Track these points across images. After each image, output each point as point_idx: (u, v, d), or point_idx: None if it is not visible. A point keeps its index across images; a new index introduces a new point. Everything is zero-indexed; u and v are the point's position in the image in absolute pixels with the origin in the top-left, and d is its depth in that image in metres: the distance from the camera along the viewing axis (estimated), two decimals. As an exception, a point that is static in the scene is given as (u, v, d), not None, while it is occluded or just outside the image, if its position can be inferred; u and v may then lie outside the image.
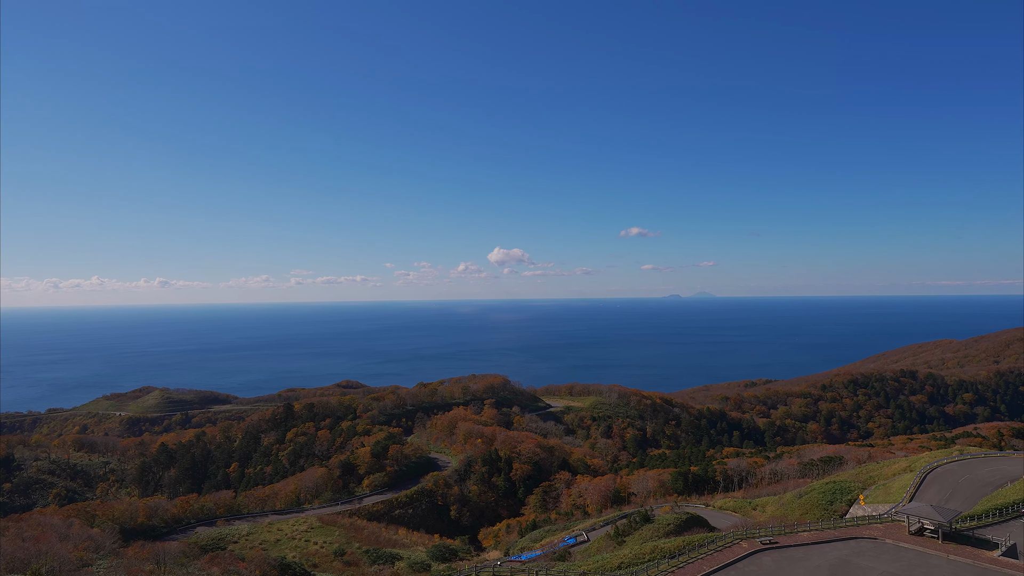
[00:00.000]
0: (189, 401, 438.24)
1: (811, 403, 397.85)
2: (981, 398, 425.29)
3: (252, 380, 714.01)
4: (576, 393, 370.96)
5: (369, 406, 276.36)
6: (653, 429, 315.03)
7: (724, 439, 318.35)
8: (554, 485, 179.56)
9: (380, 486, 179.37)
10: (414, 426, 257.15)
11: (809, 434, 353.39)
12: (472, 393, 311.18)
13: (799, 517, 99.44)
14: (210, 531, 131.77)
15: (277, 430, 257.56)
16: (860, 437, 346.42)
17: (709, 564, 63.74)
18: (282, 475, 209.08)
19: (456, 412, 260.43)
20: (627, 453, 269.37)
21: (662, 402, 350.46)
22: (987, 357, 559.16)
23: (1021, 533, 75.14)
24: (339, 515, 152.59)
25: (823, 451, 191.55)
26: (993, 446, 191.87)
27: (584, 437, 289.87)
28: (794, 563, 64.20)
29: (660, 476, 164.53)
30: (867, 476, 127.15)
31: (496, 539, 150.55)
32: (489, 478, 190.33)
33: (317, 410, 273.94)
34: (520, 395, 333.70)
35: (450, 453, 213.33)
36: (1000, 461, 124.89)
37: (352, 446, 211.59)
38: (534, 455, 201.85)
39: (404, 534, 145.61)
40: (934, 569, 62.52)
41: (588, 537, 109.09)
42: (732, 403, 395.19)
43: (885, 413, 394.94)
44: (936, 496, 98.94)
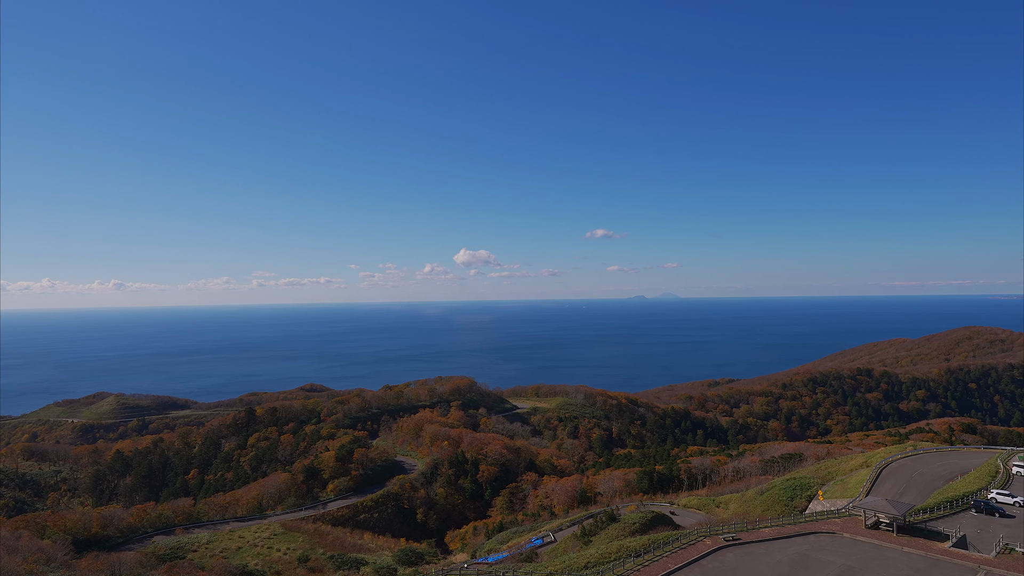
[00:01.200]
0: (146, 407, 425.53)
1: (772, 401, 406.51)
2: (933, 395, 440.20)
3: (212, 384, 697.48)
4: (543, 394, 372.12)
5: (334, 410, 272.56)
6: (619, 429, 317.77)
7: (688, 438, 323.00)
8: (521, 486, 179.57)
9: (345, 490, 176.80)
10: (380, 429, 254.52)
11: (770, 432, 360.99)
12: (438, 395, 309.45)
13: (761, 513, 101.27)
14: (168, 540, 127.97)
15: (238, 435, 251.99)
16: (819, 434, 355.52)
17: (674, 562, 64.38)
18: (244, 481, 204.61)
19: (422, 415, 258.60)
20: (593, 453, 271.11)
21: (627, 402, 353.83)
22: (938, 355, 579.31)
23: (970, 525, 78.00)
24: (303, 521, 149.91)
25: (784, 448, 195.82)
26: (944, 441, 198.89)
27: (551, 438, 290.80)
28: (756, 559, 65.32)
29: (626, 476, 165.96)
30: (826, 472, 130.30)
31: (463, 542, 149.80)
32: (456, 480, 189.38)
33: (280, 414, 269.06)
34: (487, 397, 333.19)
35: (416, 456, 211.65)
36: (951, 455, 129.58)
37: (316, 450, 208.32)
38: (501, 456, 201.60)
39: (370, 539, 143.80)
40: (889, 561, 64.33)
41: (555, 538, 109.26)
42: (696, 402, 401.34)
43: (843, 410, 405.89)
44: (891, 490, 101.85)
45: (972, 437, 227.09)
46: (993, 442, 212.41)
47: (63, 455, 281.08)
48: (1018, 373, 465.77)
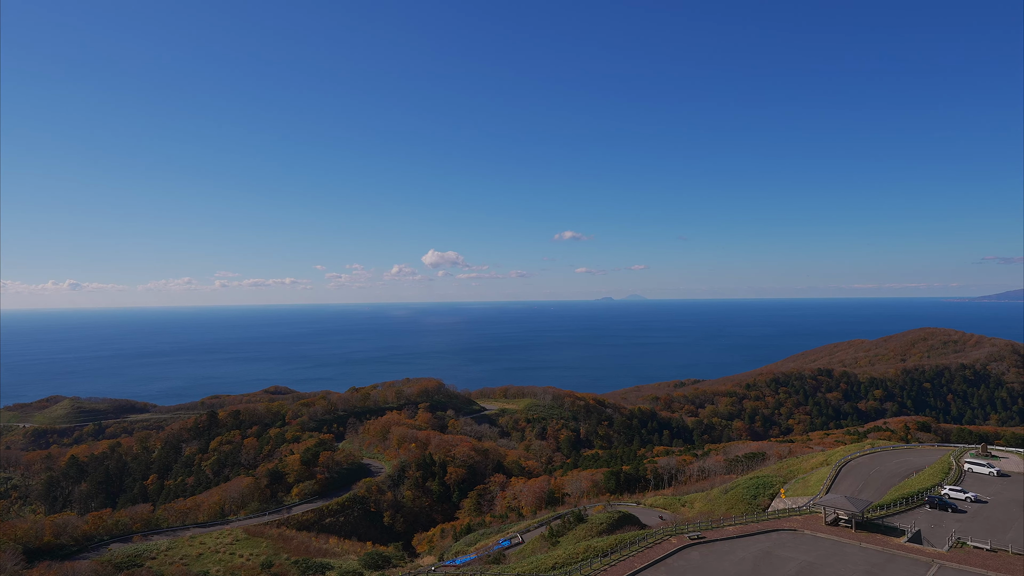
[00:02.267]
0: (103, 411, 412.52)
1: (736, 402, 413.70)
2: (890, 394, 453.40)
3: (172, 387, 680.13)
4: (511, 395, 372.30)
5: (299, 412, 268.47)
6: (587, 430, 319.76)
7: (655, 438, 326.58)
8: (489, 488, 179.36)
9: (310, 494, 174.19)
10: (346, 432, 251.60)
11: (734, 431, 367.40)
12: (406, 397, 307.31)
13: (725, 512, 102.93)
14: (125, 548, 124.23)
15: (200, 439, 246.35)
16: (781, 433, 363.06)
17: (640, 561, 64.96)
18: (205, 486, 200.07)
19: (390, 417, 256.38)
20: (561, 454, 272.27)
21: (595, 403, 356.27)
22: (895, 356, 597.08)
23: (925, 520, 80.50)
24: (267, 526, 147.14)
25: (747, 448, 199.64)
26: (901, 439, 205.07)
27: (519, 439, 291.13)
28: (720, 556, 66.35)
29: (593, 476, 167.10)
30: (788, 470, 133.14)
31: (431, 544, 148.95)
32: (423, 483, 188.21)
33: (243, 417, 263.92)
34: (455, 398, 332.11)
35: (383, 458, 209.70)
36: (907, 453, 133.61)
37: (281, 454, 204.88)
38: (469, 458, 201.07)
39: (335, 543, 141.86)
40: (848, 556, 66.03)
41: (523, 539, 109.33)
42: (662, 403, 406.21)
43: (804, 410, 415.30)
44: (850, 487, 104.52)
45: (927, 435, 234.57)
46: (946, 440, 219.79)
47: (14, 461, 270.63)
48: (970, 373, 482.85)
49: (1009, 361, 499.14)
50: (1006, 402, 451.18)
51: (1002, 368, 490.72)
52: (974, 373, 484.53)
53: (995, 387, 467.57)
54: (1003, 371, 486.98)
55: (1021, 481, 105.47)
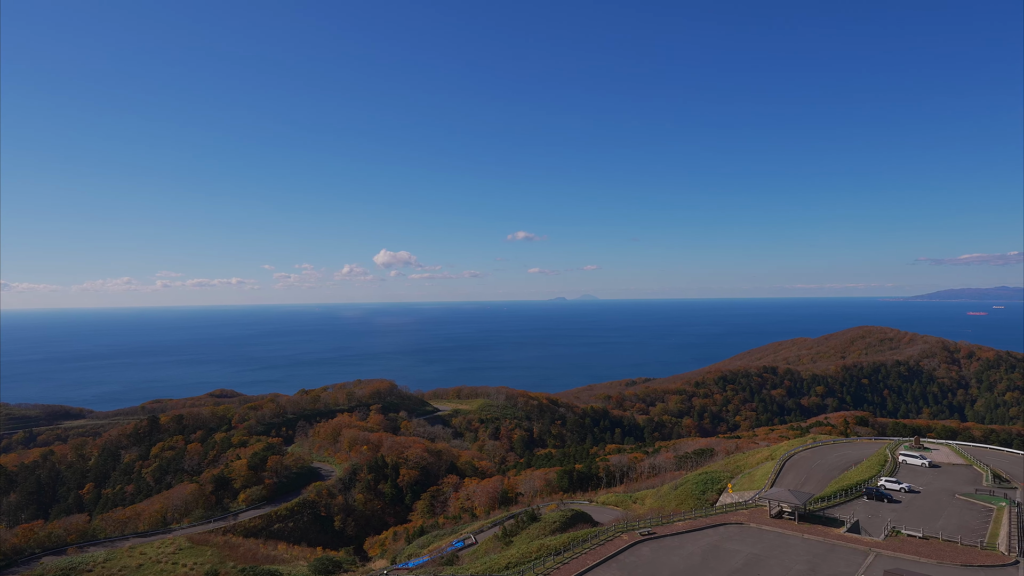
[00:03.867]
0: (33, 417, 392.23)
1: (686, 399, 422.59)
2: (831, 390, 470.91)
3: (110, 392, 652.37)
4: (464, 396, 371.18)
5: (246, 416, 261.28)
6: (540, 429, 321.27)
7: (607, 436, 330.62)
8: (442, 489, 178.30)
9: (258, 500, 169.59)
10: (295, 435, 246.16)
11: (684, 428, 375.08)
12: (357, 399, 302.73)
13: (675, 507, 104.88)
14: (58, 560, 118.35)
15: (140, 445, 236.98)
16: (729, 430, 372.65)
17: (593, 558, 65.51)
18: (146, 494, 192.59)
19: (341, 419, 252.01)
20: (515, 454, 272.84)
21: (548, 402, 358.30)
22: (835, 353, 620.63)
23: (863, 510, 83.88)
24: (212, 533, 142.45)
25: (696, 444, 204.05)
26: (841, 433, 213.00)
27: (472, 440, 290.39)
28: (670, 551, 67.54)
29: (547, 475, 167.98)
30: (735, 466, 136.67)
31: (383, 548, 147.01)
32: (375, 485, 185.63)
33: (187, 422, 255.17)
34: (408, 399, 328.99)
35: (334, 462, 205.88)
36: (846, 447, 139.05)
37: (227, 459, 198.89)
38: (422, 460, 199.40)
39: (284, 549, 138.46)
40: (791, 548, 68.19)
41: (476, 539, 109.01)
42: (614, 401, 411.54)
43: (750, 407, 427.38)
44: (794, 481, 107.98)
45: (865, 429, 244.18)
46: (883, 433, 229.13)
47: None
48: (904, 369, 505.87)
49: (940, 358, 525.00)
50: (937, 396, 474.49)
51: (933, 364, 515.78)
52: (908, 369, 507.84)
53: (927, 382, 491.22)
54: (934, 367, 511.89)
55: (951, 471, 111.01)
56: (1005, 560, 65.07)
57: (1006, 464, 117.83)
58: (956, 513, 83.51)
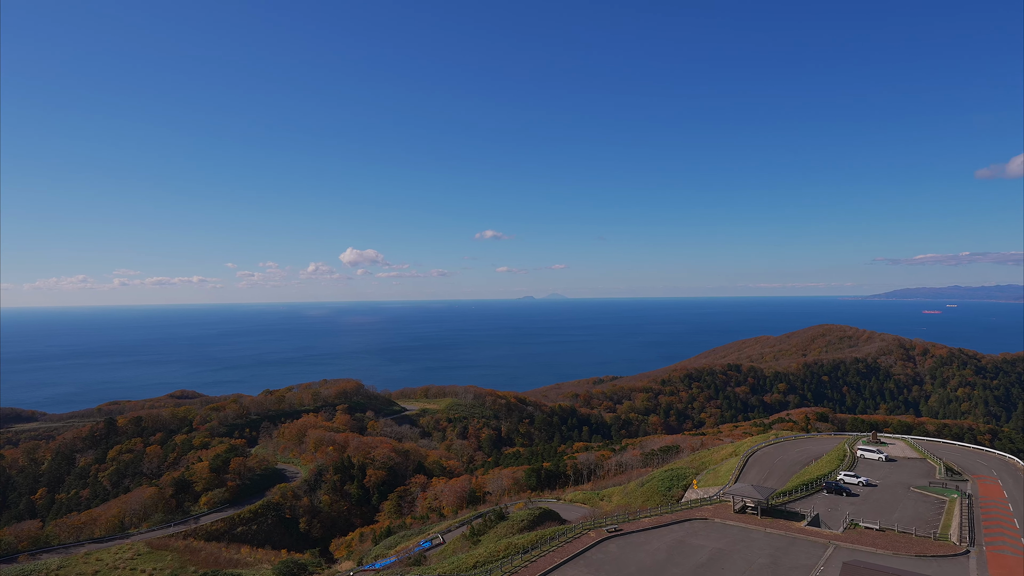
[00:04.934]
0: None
1: (652, 397, 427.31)
2: (793, 387, 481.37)
3: (63, 393, 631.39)
4: (432, 395, 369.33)
5: (208, 417, 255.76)
6: (508, 428, 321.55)
7: (575, 434, 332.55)
8: (410, 489, 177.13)
9: (221, 503, 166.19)
10: (260, 436, 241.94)
11: (650, 426, 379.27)
12: (323, 399, 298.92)
13: (641, 504, 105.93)
14: (9, 569, 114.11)
15: (96, 448, 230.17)
16: (694, 427, 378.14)
17: (560, 555, 65.71)
18: (103, 498, 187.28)
19: (306, 419, 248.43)
20: (483, 453, 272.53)
21: (516, 401, 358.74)
22: (797, 351, 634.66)
23: (823, 504, 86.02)
24: (172, 538, 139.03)
25: (662, 441, 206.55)
26: (802, 429, 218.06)
27: (440, 439, 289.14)
28: (637, 547, 68.17)
29: (515, 474, 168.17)
30: (700, 462, 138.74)
31: (349, 549, 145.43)
32: (342, 486, 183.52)
33: (146, 424, 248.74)
34: (375, 399, 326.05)
35: (300, 463, 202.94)
36: (808, 442, 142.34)
37: (188, 461, 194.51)
38: (389, 460, 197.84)
39: (248, 552, 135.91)
40: (754, 542, 69.50)
41: (444, 539, 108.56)
42: (582, 400, 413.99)
43: (715, 404, 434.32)
44: (757, 476, 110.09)
45: (825, 425, 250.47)
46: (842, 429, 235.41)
47: None
48: (863, 366, 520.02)
49: (896, 355, 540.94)
50: (894, 393, 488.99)
51: (890, 361, 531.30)
52: (866, 366, 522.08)
53: (884, 379, 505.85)
54: (891, 364, 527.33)
55: (906, 465, 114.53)
56: (956, 550, 67.39)
57: (958, 457, 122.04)
58: (911, 505, 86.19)
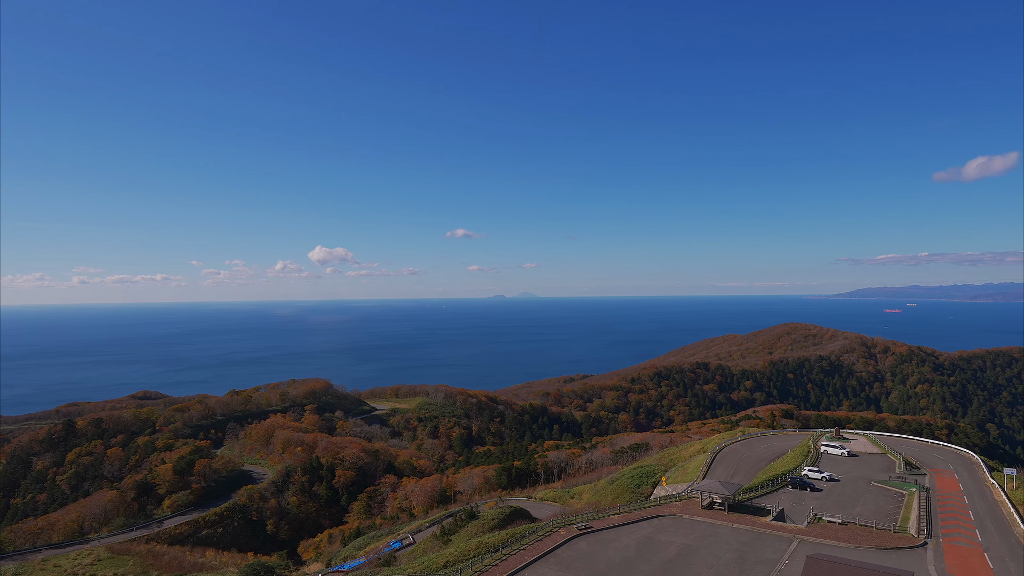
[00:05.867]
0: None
1: (622, 395, 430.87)
2: (759, 385, 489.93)
3: (19, 395, 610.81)
4: (403, 395, 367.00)
5: (172, 418, 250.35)
6: (479, 427, 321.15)
7: (545, 433, 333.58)
8: (380, 489, 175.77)
9: (185, 506, 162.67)
10: (226, 438, 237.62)
11: (620, 424, 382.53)
12: (292, 399, 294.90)
13: (611, 501, 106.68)
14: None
15: (54, 451, 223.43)
16: (663, 424, 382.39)
17: (531, 553, 65.78)
18: (61, 503, 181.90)
19: (274, 420, 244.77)
20: (454, 452, 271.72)
21: (487, 400, 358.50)
22: (763, 349, 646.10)
23: (788, 499, 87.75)
24: (134, 542, 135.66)
25: (632, 439, 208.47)
26: (768, 426, 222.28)
27: (411, 439, 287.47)
28: (606, 544, 68.61)
29: (485, 473, 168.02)
30: (669, 459, 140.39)
31: (317, 551, 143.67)
32: (310, 487, 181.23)
33: (107, 426, 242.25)
34: (344, 399, 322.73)
35: (267, 464, 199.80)
36: (774, 439, 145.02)
37: (151, 464, 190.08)
38: (358, 460, 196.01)
39: (213, 556, 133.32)
40: (721, 537, 70.52)
41: (414, 539, 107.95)
42: (552, 398, 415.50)
43: (684, 401, 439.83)
44: (724, 473, 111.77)
45: (790, 421, 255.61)
46: (806, 425, 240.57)
47: None
48: (826, 364, 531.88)
49: (858, 352, 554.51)
50: (856, 389, 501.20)
51: (853, 359, 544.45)
52: (830, 364, 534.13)
53: (847, 376, 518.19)
54: (853, 361, 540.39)
55: (868, 460, 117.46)
56: (915, 542, 69.40)
57: (916, 452, 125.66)
58: (872, 499, 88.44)
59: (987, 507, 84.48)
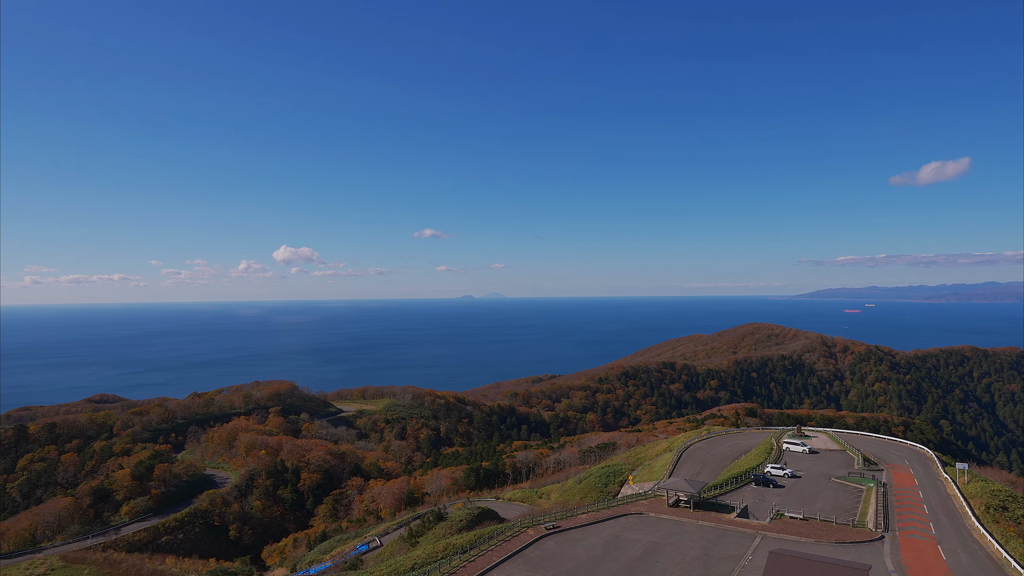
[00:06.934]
0: None
1: (590, 395, 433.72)
2: (724, 384, 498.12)
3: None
4: (369, 396, 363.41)
5: (130, 422, 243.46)
6: (447, 428, 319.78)
7: (514, 433, 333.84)
8: (346, 492, 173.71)
9: (144, 512, 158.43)
10: (187, 441, 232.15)
11: (588, 423, 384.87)
12: (255, 401, 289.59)
13: (579, 501, 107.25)
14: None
15: (5, 457, 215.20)
16: (631, 423, 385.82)
17: (499, 554, 65.77)
18: (12, 511, 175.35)
19: (237, 423, 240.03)
20: (421, 453, 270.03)
21: (455, 401, 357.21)
22: (728, 348, 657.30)
23: (751, 496, 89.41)
24: (90, 550, 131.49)
25: (599, 438, 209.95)
26: (732, 424, 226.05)
27: (378, 440, 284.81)
28: (574, 543, 68.99)
29: (454, 474, 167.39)
30: (636, 458, 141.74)
31: (282, 555, 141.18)
32: (275, 491, 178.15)
33: (61, 430, 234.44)
34: (310, 401, 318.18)
35: (230, 468, 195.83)
36: (738, 437, 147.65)
37: (107, 469, 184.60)
38: (324, 463, 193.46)
39: (173, 563, 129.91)
40: (687, 534, 71.59)
41: (381, 542, 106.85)
42: (521, 398, 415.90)
43: (650, 401, 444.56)
44: (690, 471, 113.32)
45: (753, 420, 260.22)
46: (769, 423, 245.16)
47: None
48: (789, 363, 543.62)
49: (819, 352, 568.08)
50: (817, 388, 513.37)
51: (813, 358, 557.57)
52: (792, 363, 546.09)
53: (808, 375, 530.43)
54: (814, 360, 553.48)
55: (828, 456, 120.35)
56: (872, 536, 71.40)
57: (874, 448, 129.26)
58: (832, 495, 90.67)
59: (940, 501, 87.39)
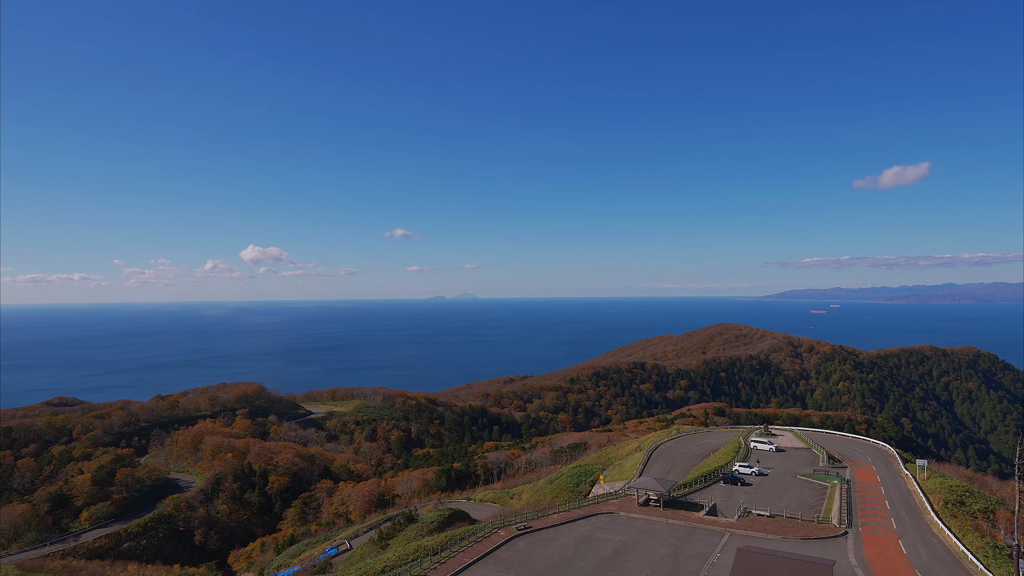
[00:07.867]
0: None
1: (561, 395, 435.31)
2: (693, 383, 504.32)
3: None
4: (339, 397, 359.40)
5: (90, 425, 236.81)
6: (418, 429, 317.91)
7: (485, 434, 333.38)
8: (315, 495, 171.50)
9: (105, 518, 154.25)
10: (150, 445, 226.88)
11: (560, 424, 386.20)
12: (222, 404, 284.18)
13: (550, 501, 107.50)
14: None
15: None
16: (602, 423, 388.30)
17: (470, 555, 65.60)
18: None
19: (203, 425, 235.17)
20: (392, 455, 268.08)
21: (427, 402, 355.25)
22: (697, 349, 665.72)
23: (720, 494, 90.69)
24: (48, 558, 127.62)
25: (571, 439, 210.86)
26: (702, 424, 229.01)
27: (348, 442, 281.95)
28: (546, 543, 69.15)
29: (425, 475, 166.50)
30: (607, 458, 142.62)
31: (249, 560, 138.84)
32: (242, 495, 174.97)
33: (17, 435, 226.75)
34: (278, 403, 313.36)
35: (195, 472, 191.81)
36: (707, 436, 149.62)
37: (67, 474, 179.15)
38: (293, 465, 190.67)
39: (136, 569, 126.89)
40: (657, 533, 72.33)
41: (351, 545, 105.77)
42: (492, 399, 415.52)
43: (621, 401, 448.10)
44: (660, 470, 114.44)
45: (722, 419, 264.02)
46: (737, 422, 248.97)
47: None
48: (756, 363, 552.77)
49: (786, 352, 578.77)
50: (783, 387, 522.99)
51: (780, 358, 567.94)
52: (759, 363, 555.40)
53: (775, 374, 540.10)
54: (781, 360, 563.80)
55: (794, 455, 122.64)
56: (836, 532, 72.97)
57: (839, 446, 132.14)
58: (798, 492, 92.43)
59: (901, 497, 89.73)
